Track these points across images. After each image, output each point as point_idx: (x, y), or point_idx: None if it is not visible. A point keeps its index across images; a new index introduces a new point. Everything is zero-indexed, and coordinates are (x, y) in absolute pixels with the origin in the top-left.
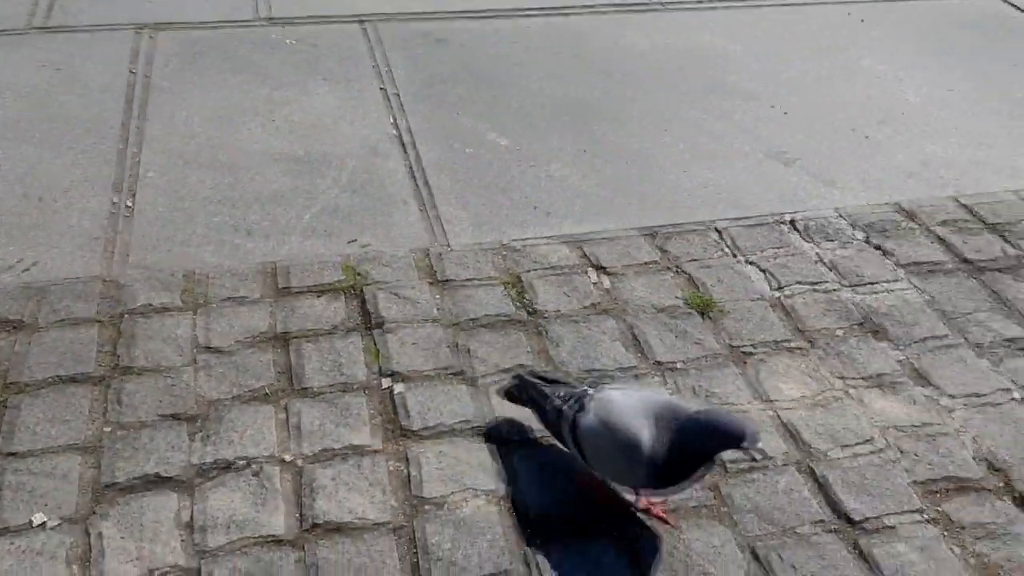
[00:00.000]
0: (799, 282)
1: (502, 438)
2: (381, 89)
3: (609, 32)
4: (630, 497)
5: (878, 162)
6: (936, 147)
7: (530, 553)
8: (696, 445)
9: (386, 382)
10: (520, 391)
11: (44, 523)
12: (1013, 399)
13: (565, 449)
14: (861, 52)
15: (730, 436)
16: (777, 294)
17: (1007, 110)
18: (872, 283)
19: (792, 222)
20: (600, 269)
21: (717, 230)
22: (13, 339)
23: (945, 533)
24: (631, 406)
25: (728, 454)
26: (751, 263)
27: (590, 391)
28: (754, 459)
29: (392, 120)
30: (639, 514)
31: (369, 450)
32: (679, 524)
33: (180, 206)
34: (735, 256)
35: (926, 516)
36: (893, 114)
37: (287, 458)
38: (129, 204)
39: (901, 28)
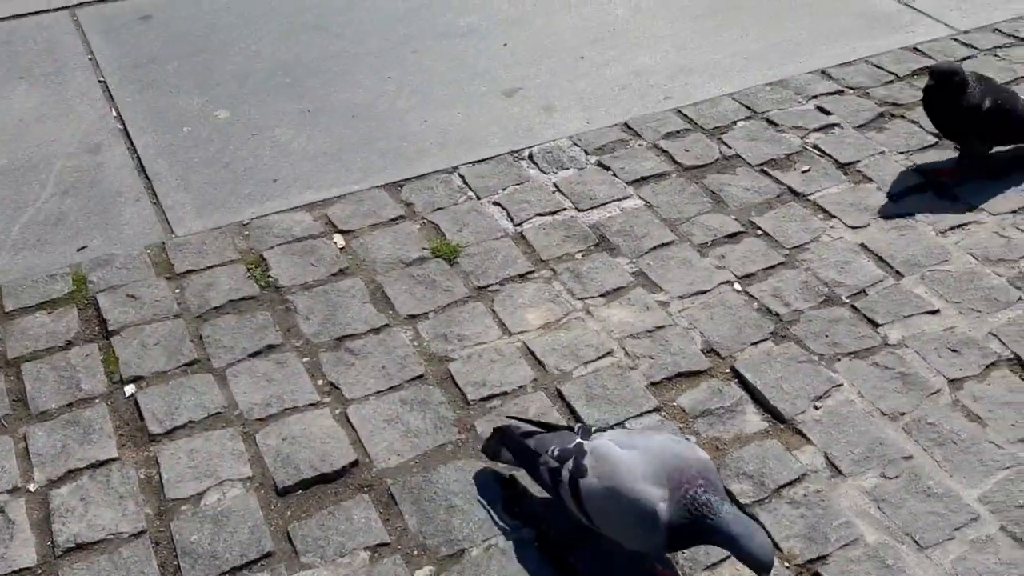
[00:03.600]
0: (539, 214)
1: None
2: (101, 81)
3: None
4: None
5: (593, 80)
6: (645, 58)
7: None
8: (718, 540)
9: (128, 389)
10: (501, 447)
11: None
12: (734, 290)
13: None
14: None
15: (753, 564)
16: (519, 229)
17: (706, 13)
18: (604, 203)
19: (530, 156)
20: (345, 232)
21: (460, 175)
22: None
23: (682, 425)
24: (636, 465)
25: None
26: (494, 203)
27: (584, 443)
28: None
29: (108, 111)
30: None
31: (116, 462)
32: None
33: None
34: (479, 199)
35: (663, 414)
36: (604, 32)
37: (31, 488)
38: None
39: None
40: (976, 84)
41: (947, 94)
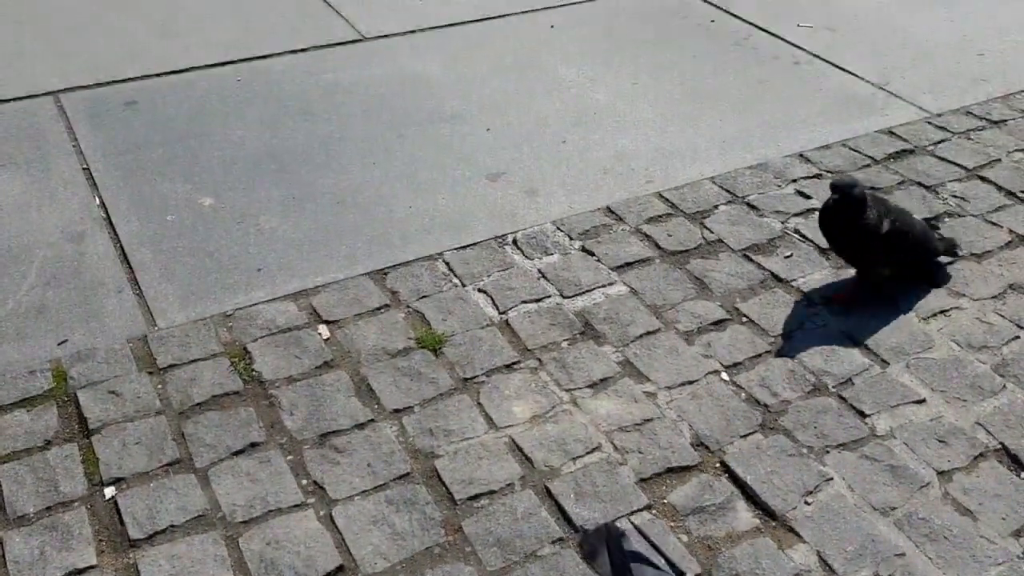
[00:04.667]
0: (524, 301)
1: None
2: (84, 168)
3: (308, 71)
4: None
5: (576, 164)
6: (626, 141)
7: None
8: None
9: (109, 491)
10: (602, 550)
11: None
12: (721, 380)
13: None
14: (555, 59)
15: None
16: (504, 317)
17: (684, 96)
18: (589, 290)
19: (514, 241)
20: (330, 323)
21: (445, 261)
22: None
23: (672, 524)
24: None
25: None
26: (479, 290)
27: None
28: None
29: (91, 199)
30: None
31: (94, 570)
32: None
33: None
34: (464, 285)
35: (654, 512)
36: (586, 116)
37: None
38: None
39: (589, 29)
40: (874, 203)
41: (848, 211)
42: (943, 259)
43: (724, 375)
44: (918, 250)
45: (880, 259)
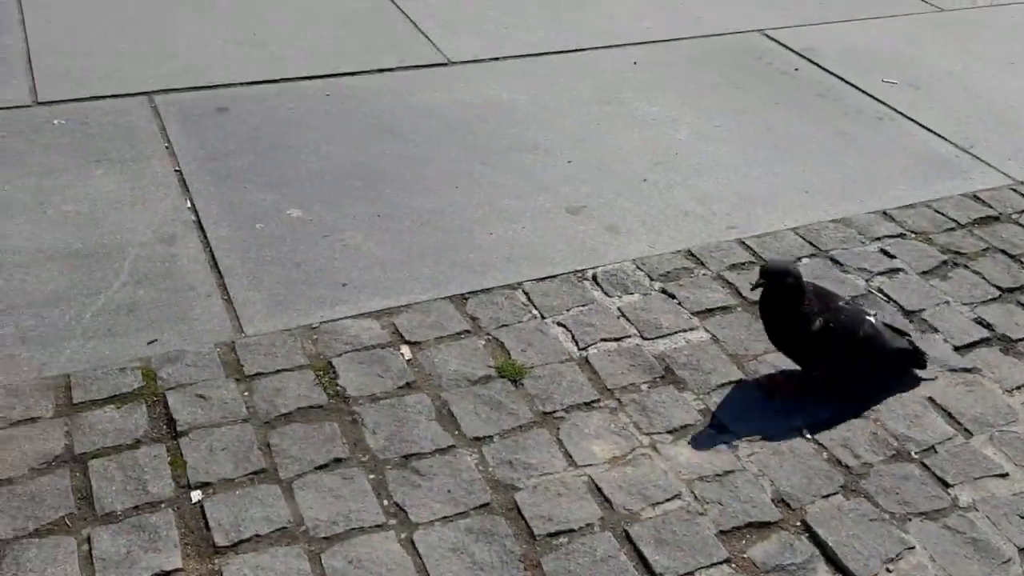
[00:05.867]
0: (603, 339)
1: None
2: (176, 171)
3: (397, 92)
4: None
5: (656, 204)
6: (707, 183)
7: None
8: None
9: (195, 495)
10: None
11: None
12: (803, 438)
13: None
14: (636, 96)
15: None
16: (584, 353)
17: (767, 142)
18: (670, 333)
19: (594, 277)
20: (412, 344)
21: (524, 291)
22: None
23: None
24: None
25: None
26: (559, 324)
27: None
28: None
29: (182, 201)
30: None
31: (179, 574)
32: None
33: None
34: (543, 317)
35: (733, 566)
36: (667, 155)
37: None
38: None
39: (671, 68)
40: (816, 297)
41: (777, 299)
42: (922, 373)
43: (806, 432)
44: (861, 357)
45: (808, 358)
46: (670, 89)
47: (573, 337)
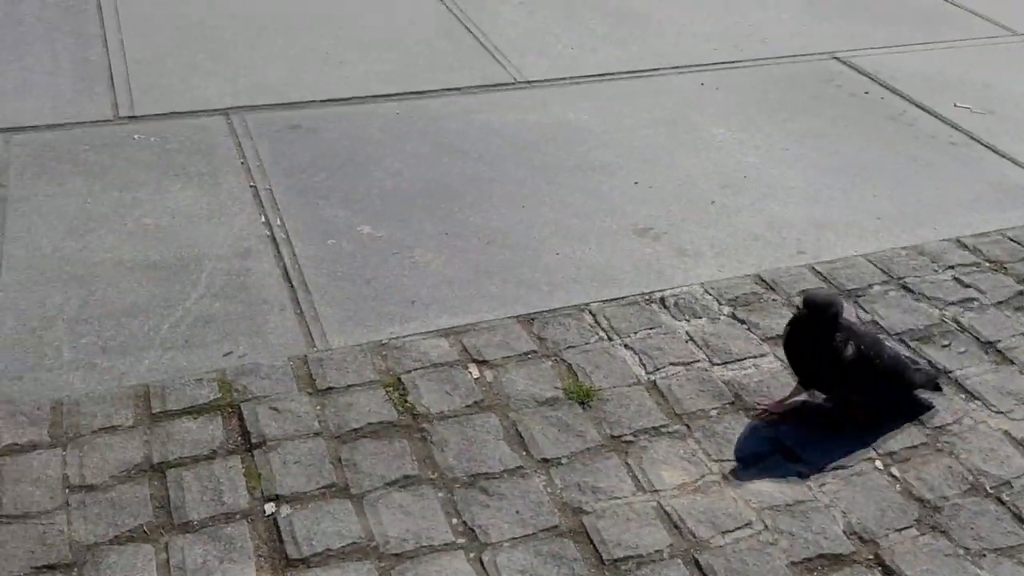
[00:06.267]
0: (672, 363)
1: None
2: (251, 186)
3: (465, 111)
4: None
5: (725, 227)
6: (777, 207)
7: None
8: None
9: (269, 507)
10: None
11: None
12: (876, 468)
13: None
14: (704, 118)
15: None
16: (653, 377)
17: (838, 167)
18: (740, 359)
19: (662, 300)
20: (481, 363)
21: (591, 313)
22: None
23: None
24: None
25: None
26: (626, 346)
27: None
28: None
29: (257, 216)
30: None
31: None
32: None
33: (34, 328)
34: (611, 339)
35: None
36: (735, 178)
37: None
38: None
39: (739, 91)
40: (842, 325)
41: (817, 330)
42: (925, 393)
43: (879, 463)
44: (884, 382)
45: (842, 387)
46: (738, 111)
47: (641, 360)
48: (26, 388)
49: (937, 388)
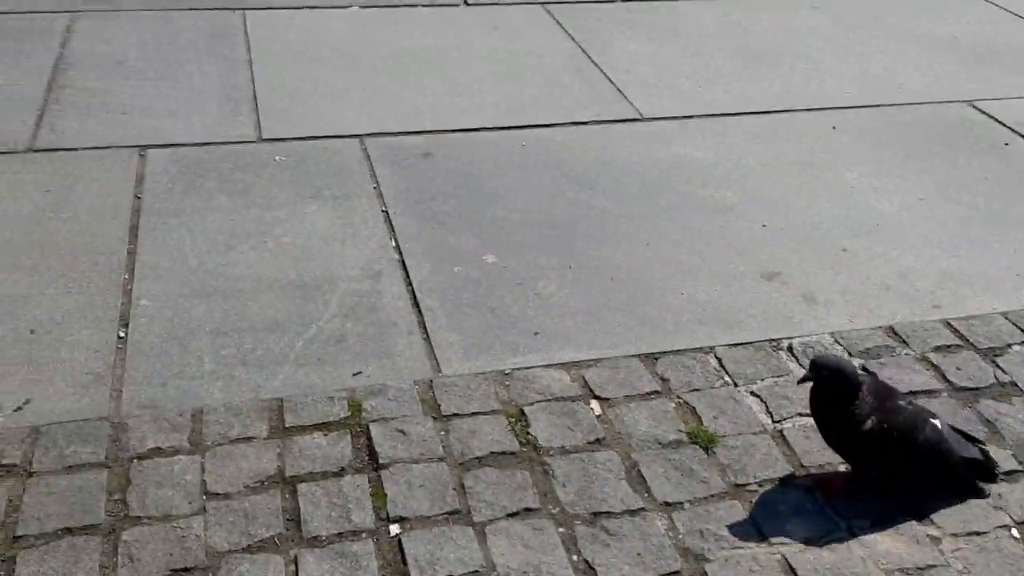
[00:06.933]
0: (799, 413)
1: None
2: (383, 211)
3: (590, 145)
4: None
5: (856, 276)
6: (911, 258)
7: None
8: None
9: (393, 529)
10: None
11: None
12: (1011, 537)
13: None
14: (835, 161)
15: None
16: (778, 426)
17: (975, 219)
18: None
19: (789, 348)
20: (601, 399)
21: (717, 356)
22: (13, 486)
23: None
24: None
25: None
26: (752, 393)
27: None
28: None
29: (387, 240)
30: None
31: None
32: None
33: (179, 338)
34: (735, 385)
35: None
36: (868, 226)
37: None
38: (122, 335)
39: (873, 135)
40: (871, 393)
41: (827, 395)
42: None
43: (1015, 531)
44: (919, 461)
45: (859, 459)
46: (871, 157)
47: (767, 408)
48: (169, 395)
49: (990, 477)
